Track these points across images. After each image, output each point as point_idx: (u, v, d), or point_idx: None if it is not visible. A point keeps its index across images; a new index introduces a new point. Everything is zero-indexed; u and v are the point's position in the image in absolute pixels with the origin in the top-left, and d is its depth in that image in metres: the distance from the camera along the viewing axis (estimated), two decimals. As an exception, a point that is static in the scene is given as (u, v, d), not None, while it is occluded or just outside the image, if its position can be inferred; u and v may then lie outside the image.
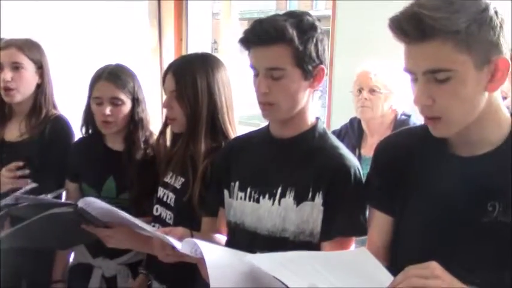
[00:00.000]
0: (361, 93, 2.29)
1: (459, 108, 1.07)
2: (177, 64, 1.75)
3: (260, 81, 1.35)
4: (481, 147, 1.12)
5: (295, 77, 1.35)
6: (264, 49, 1.33)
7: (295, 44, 1.31)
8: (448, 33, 1.01)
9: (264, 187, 1.40)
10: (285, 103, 1.36)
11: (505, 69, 1.06)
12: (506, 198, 1.08)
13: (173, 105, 1.69)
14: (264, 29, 1.33)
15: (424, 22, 1.02)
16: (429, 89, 1.06)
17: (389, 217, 1.24)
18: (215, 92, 1.69)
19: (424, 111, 1.10)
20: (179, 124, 1.71)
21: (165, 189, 1.75)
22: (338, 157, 1.37)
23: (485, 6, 1.04)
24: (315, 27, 1.36)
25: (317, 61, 1.36)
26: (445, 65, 1.04)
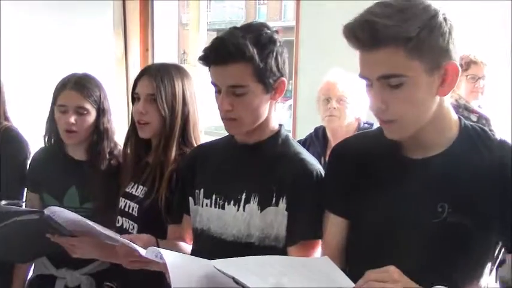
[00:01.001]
0: (329, 102, 2.33)
1: (412, 111, 1.11)
2: (155, 68, 1.74)
3: (223, 99, 1.36)
4: (431, 149, 1.16)
5: (257, 92, 1.36)
6: (225, 67, 1.34)
7: (256, 61, 1.33)
8: (400, 40, 1.05)
9: (229, 193, 1.42)
10: (248, 118, 1.38)
11: (455, 74, 1.10)
12: (455, 199, 1.12)
13: (148, 109, 1.68)
14: (225, 48, 1.33)
15: (376, 29, 1.05)
16: (383, 94, 1.09)
17: (344, 220, 1.27)
18: (188, 99, 1.71)
19: (379, 115, 1.14)
20: (152, 129, 1.70)
21: (127, 200, 1.74)
22: (300, 162, 1.39)
23: (434, 13, 1.08)
24: (274, 41, 1.37)
25: (278, 74, 1.38)
26: (398, 70, 1.07)
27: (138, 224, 1.69)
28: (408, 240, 1.15)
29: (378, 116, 1.15)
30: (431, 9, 1.08)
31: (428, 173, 1.15)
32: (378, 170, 1.21)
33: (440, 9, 1.10)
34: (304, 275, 1.08)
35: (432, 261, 1.13)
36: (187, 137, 1.71)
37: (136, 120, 1.72)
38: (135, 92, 1.73)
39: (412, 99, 1.09)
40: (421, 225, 1.14)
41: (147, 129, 1.71)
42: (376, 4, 1.10)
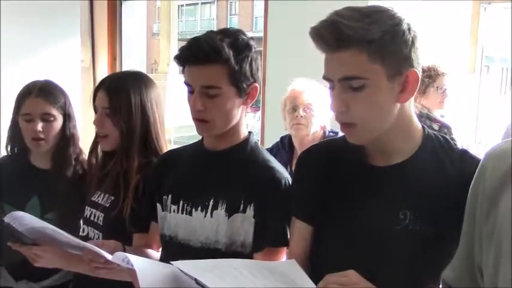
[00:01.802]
0: (295, 111, 2.35)
1: (372, 115, 1.12)
2: (110, 81, 1.73)
3: (195, 99, 1.36)
4: (395, 157, 1.18)
5: (230, 95, 1.37)
6: (201, 68, 1.34)
7: (232, 64, 1.34)
8: (363, 42, 1.07)
9: (197, 199, 1.42)
10: (220, 120, 1.39)
11: (415, 82, 1.13)
12: (416, 207, 1.14)
13: (105, 123, 1.67)
14: (201, 48, 1.34)
15: (341, 31, 1.07)
16: (344, 96, 1.11)
17: (309, 226, 1.28)
18: (148, 108, 1.69)
19: (340, 118, 1.15)
20: (111, 141, 1.69)
21: (93, 209, 1.72)
22: (269, 170, 1.40)
23: (398, 21, 1.11)
24: (249, 47, 1.39)
25: (251, 79, 1.39)
26: (359, 73, 1.09)
27: (103, 233, 1.67)
28: (371, 247, 1.16)
29: (339, 119, 1.16)
30: (396, 17, 1.11)
31: (392, 181, 1.17)
32: (343, 177, 1.23)
33: (406, 18, 1.13)
34: (265, 275, 1.09)
35: (394, 267, 1.14)
36: (150, 145, 1.69)
37: (96, 132, 1.72)
38: (94, 105, 1.72)
39: (372, 103, 1.11)
40: (383, 232, 1.16)
41: (107, 142, 1.70)
42: (343, 8, 1.12)
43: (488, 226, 0.88)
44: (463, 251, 0.97)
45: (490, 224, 0.87)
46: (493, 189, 0.88)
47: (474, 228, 0.92)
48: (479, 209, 0.91)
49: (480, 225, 0.90)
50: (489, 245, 0.87)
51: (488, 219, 0.88)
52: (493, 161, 0.91)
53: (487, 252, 0.88)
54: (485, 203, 0.89)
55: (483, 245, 0.89)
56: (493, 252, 0.86)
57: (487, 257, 0.88)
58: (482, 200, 0.90)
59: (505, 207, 0.84)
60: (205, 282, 1.03)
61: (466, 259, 0.96)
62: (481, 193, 0.91)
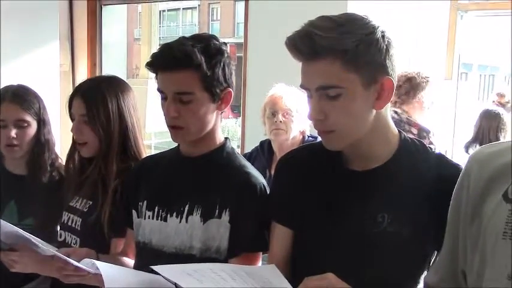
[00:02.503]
0: (274, 116, 2.37)
1: (349, 123, 1.14)
2: (86, 87, 1.71)
3: (169, 106, 1.36)
4: (372, 161, 1.20)
5: (204, 101, 1.37)
6: (173, 74, 1.35)
7: (204, 69, 1.34)
8: (338, 52, 1.09)
9: (172, 205, 1.42)
10: (194, 126, 1.39)
11: (390, 89, 1.15)
12: (394, 209, 1.16)
13: (83, 129, 1.67)
14: (173, 54, 1.34)
15: (315, 42, 1.09)
16: (322, 105, 1.13)
17: (289, 230, 1.29)
18: (125, 113, 1.69)
19: (318, 126, 1.17)
20: (90, 148, 1.68)
21: (71, 214, 1.71)
22: (244, 175, 1.41)
23: (372, 29, 1.13)
24: (221, 52, 1.39)
25: (224, 84, 1.39)
26: (335, 82, 1.11)
27: (81, 238, 1.67)
28: (350, 250, 1.18)
29: (317, 127, 1.18)
30: (370, 25, 1.13)
31: (369, 185, 1.19)
32: (321, 182, 1.24)
33: (380, 26, 1.15)
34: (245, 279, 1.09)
35: (373, 269, 1.16)
36: (129, 150, 1.69)
37: (75, 139, 1.71)
38: (71, 112, 1.71)
39: (349, 111, 1.13)
40: (362, 235, 1.17)
41: (86, 149, 1.69)
42: (318, 18, 1.13)
43: (473, 231, 0.89)
44: (447, 255, 0.98)
45: (475, 228, 0.88)
46: (477, 193, 0.89)
47: (458, 232, 0.93)
48: (463, 213, 0.92)
49: (464, 230, 0.91)
50: (474, 250, 0.88)
51: (472, 224, 0.89)
52: (477, 165, 0.92)
53: (472, 258, 0.89)
54: (470, 207, 0.90)
55: (467, 249, 0.90)
56: (478, 257, 0.86)
57: (471, 262, 0.89)
58: (467, 204, 0.91)
59: (489, 212, 0.85)
60: (185, 286, 1.03)
61: (450, 263, 0.97)
62: (465, 197, 0.92)
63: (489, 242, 0.84)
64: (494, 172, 0.88)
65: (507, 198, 0.83)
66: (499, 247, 0.82)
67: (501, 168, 0.87)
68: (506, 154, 0.88)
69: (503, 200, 0.84)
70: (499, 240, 0.82)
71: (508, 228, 0.81)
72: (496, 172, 0.87)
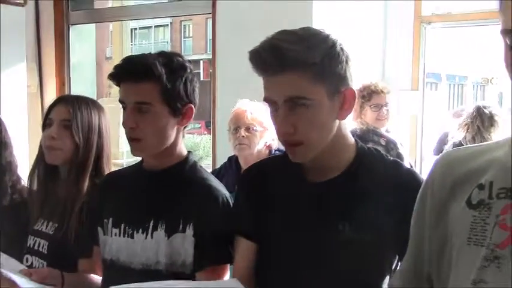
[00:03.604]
0: (238, 131, 2.39)
1: (316, 134, 1.17)
2: (72, 97, 1.74)
3: (128, 115, 1.38)
4: (331, 172, 1.23)
5: (163, 114, 1.39)
6: (133, 85, 1.37)
7: (164, 82, 1.36)
8: (306, 65, 1.12)
9: (137, 221, 1.42)
10: (152, 138, 1.40)
11: (352, 99, 1.19)
12: (353, 218, 1.19)
13: (61, 135, 1.66)
14: (134, 65, 1.38)
15: (283, 54, 1.11)
16: (289, 116, 1.15)
17: (253, 244, 1.30)
18: (103, 131, 1.71)
19: (286, 138, 1.19)
20: (62, 155, 1.67)
21: (36, 237, 1.69)
22: (206, 187, 1.42)
23: (332, 43, 1.17)
24: (184, 67, 1.41)
25: (186, 99, 1.41)
26: (303, 93, 1.13)
27: (48, 262, 1.64)
28: (313, 259, 1.20)
29: (286, 139, 1.19)
30: (330, 39, 1.17)
31: (329, 194, 1.21)
32: (283, 194, 1.26)
33: (338, 39, 1.19)
34: None
35: (337, 277, 1.18)
36: (100, 169, 1.70)
37: (46, 145, 1.68)
38: (49, 118, 1.69)
39: (316, 122, 1.16)
40: (324, 244, 1.20)
41: (57, 155, 1.67)
42: (280, 32, 1.16)
43: (438, 235, 0.90)
44: (411, 259, 0.99)
45: (440, 233, 0.89)
46: (442, 198, 0.90)
47: (423, 236, 0.94)
48: (428, 217, 0.93)
49: (430, 234, 0.92)
50: (440, 254, 0.89)
51: (437, 228, 0.90)
52: (441, 170, 0.93)
53: (437, 262, 0.90)
54: (434, 211, 0.91)
55: (433, 254, 0.91)
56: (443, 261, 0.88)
57: (437, 266, 0.90)
58: (431, 209, 0.92)
59: (454, 218, 0.87)
60: None
61: (414, 267, 0.98)
62: (430, 201, 0.93)
63: (454, 248, 0.85)
64: (458, 177, 0.89)
65: (470, 204, 0.85)
66: (464, 253, 0.83)
67: (464, 174, 0.88)
68: (471, 160, 0.90)
69: (466, 206, 0.85)
70: (463, 246, 0.83)
71: (472, 234, 0.83)
72: (460, 177, 0.89)
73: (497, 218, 0.81)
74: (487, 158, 0.88)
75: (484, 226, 0.82)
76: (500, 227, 0.80)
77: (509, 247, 0.78)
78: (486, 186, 0.84)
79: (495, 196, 0.83)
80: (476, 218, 0.83)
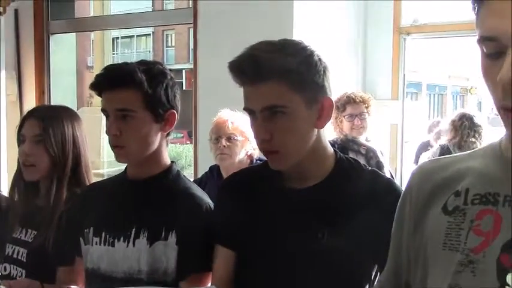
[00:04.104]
0: (219, 141, 2.39)
1: (294, 142, 1.19)
2: (42, 110, 1.73)
3: (110, 123, 1.38)
4: (310, 180, 1.24)
5: (146, 120, 1.39)
6: (115, 92, 1.38)
7: (145, 88, 1.37)
8: (283, 74, 1.14)
9: (119, 230, 1.42)
10: (136, 145, 1.40)
11: (330, 108, 1.21)
12: (333, 225, 1.20)
13: (34, 150, 1.65)
14: (115, 73, 1.39)
15: (261, 64, 1.13)
16: (267, 125, 1.17)
17: (232, 252, 1.30)
18: (78, 140, 1.70)
19: (264, 146, 1.20)
20: (39, 171, 1.66)
21: (15, 246, 1.67)
22: (189, 196, 1.43)
23: (310, 52, 1.19)
24: (164, 74, 1.42)
25: (168, 105, 1.42)
26: (281, 102, 1.15)
27: (27, 270, 1.63)
28: (293, 267, 1.21)
29: (263, 147, 1.21)
30: (308, 49, 1.19)
31: (308, 202, 1.23)
32: (262, 202, 1.27)
33: (315, 50, 1.21)
34: None
35: (315, 286, 1.19)
36: (78, 177, 1.69)
37: (22, 162, 1.68)
38: (21, 134, 1.69)
39: (294, 130, 1.18)
40: (303, 252, 1.20)
41: (33, 171, 1.67)
42: (258, 43, 1.19)
43: (415, 243, 0.91)
44: (390, 268, 1.00)
45: (417, 240, 0.90)
46: (419, 206, 0.92)
47: (401, 245, 0.95)
48: (406, 227, 0.94)
49: (407, 242, 0.93)
50: (416, 261, 0.90)
51: (415, 236, 0.91)
52: (419, 180, 0.94)
53: (415, 268, 0.91)
54: (412, 220, 0.92)
55: (411, 261, 0.92)
56: (420, 267, 0.88)
57: (414, 273, 0.91)
58: (410, 218, 0.93)
59: (431, 224, 0.88)
60: None
61: (394, 277, 0.99)
62: (408, 211, 0.94)
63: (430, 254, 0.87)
64: (435, 185, 0.90)
65: (446, 210, 0.86)
66: (439, 258, 0.84)
67: (442, 182, 0.90)
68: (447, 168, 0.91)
69: (442, 212, 0.87)
70: (439, 251, 0.84)
71: (447, 240, 0.84)
72: (437, 185, 0.90)
73: (471, 223, 0.82)
74: (464, 167, 0.90)
75: (458, 231, 0.83)
76: (474, 232, 0.82)
77: (484, 252, 0.79)
78: (462, 192, 0.86)
79: (470, 202, 0.84)
80: (451, 224, 0.85)
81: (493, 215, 0.80)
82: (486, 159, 0.87)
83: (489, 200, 0.82)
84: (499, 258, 0.77)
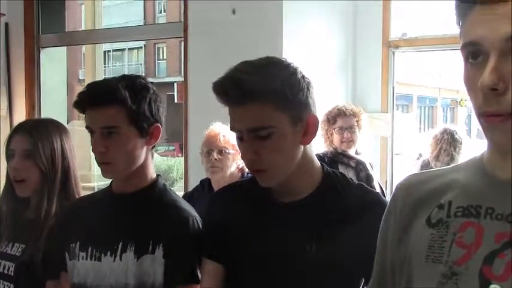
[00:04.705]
0: (210, 154, 2.40)
1: (281, 160, 1.20)
2: (30, 125, 1.74)
3: (96, 141, 1.39)
4: (298, 194, 1.26)
5: (131, 135, 1.40)
6: (99, 110, 1.38)
7: (128, 104, 1.38)
8: (267, 95, 1.15)
9: (105, 244, 1.42)
10: (122, 160, 1.41)
11: (315, 125, 1.22)
12: (321, 238, 1.21)
13: (24, 165, 1.65)
14: (98, 91, 1.40)
15: (244, 86, 1.14)
16: (254, 145, 1.18)
17: (220, 266, 1.31)
18: (67, 154, 1.71)
19: (251, 165, 1.22)
20: (30, 186, 1.67)
21: (2, 260, 1.67)
22: (176, 209, 1.43)
23: (293, 70, 1.20)
24: (147, 88, 1.43)
25: (152, 119, 1.43)
26: (266, 123, 1.17)
27: (15, 284, 1.63)
28: (282, 279, 1.21)
29: (250, 166, 1.23)
30: (290, 67, 1.21)
31: (297, 215, 1.24)
32: (251, 215, 1.28)
33: (298, 67, 1.22)
34: None
35: None
36: (69, 190, 1.70)
37: (13, 177, 1.68)
38: (10, 149, 1.69)
39: (280, 149, 1.19)
40: (292, 264, 1.21)
41: (25, 186, 1.67)
42: (241, 63, 1.20)
43: (400, 254, 0.92)
44: (375, 280, 1.01)
45: (401, 252, 0.91)
46: (403, 219, 0.93)
47: (386, 258, 0.96)
48: (390, 239, 0.95)
49: (392, 255, 0.94)
50: (401, 273, 0.91)
51: (399, 249, 0.92)
52: (403, 192, 0.96)
53: (399, 280, 0.92)
54: (396, 232, 0.94)
55: (395, 273, 0.93)
56: (405, 279, 0.89)
57: (399, 284, 0.92)
58: (394, 230, 0.94)
59: (415, 236, 0.89)
60: None
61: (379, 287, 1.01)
62: (392, 223, 0.95)
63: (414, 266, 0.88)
64: (419, 198, 0.92)
65: (430, 222, 0.88)
66: (423, 270, 0.85)
67: (426, 195, 0.91)
68: (431, 181, 0.93)
69: (426, 224, 0.88)
70: (422, 263, 0.86)
71: (430, 252, 0.85)
72: (421, 198, 0.91)
73: (454, 235, 0.84)
74: (447, 180, 0.91)
75: (441, 244, 0.84)
76: (457, 245, 0.83)
77: (466, 264, 0.80)
78: (445, 205, 0.87)
79: (453, 215, 0.85)
80: (435, 236, 0.86)
81: (475, 227, 0.82)
82: (468, 172, 0.89)
83: (471, 212, 0.83)
84: (482, 270, 0.79)
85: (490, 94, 0.75)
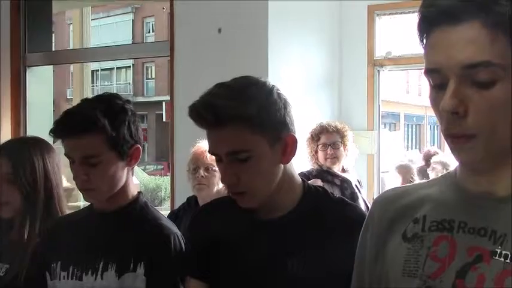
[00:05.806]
0: (197, 171, 2.40)
1: (261, 182, 1.20)
2: (10, 147, 1.72)
3: (77, 170, 1.38)
4: (279, 210, 1.26)
5: (112, 160, 1.40)
6: (78, 140, 1.37)
7: (108, 131, 1.37)
8: (243, 119, 1.15)
9: (87, 263, 1.41)
10: (105, 186, 1.41)
11: (294, 144, 1.22)
12: (303, 254, 1.21)
13: (5, 189, 1.64)
14: (74, 120, 1.37)
15: (219, 111, 1.13)
16: (233, 168, 1.18)
17: (203, 283, 1.30)
18: (50, 173, 1.69)
19: (231, 189, 1.22)
20: (12, 209, 1.66)
21: None
22: (157, 227, 1.43)
23: (269, 90, 1.20)
24: (125, 110, 1.42)
25: (131, 141, 1.42)
26: (244, 146, 1.16)
27: None
28: None
29: (230, 189, 1.23)
30: (266, 87, 1.20)
31: (277, 232, 1.23)
32: (233, 232, 1.28)
33: (275, 85, 1.22)
34: None
35: None
36: (52, 210, 1.68)
37: None
38: None
39: (259, 171, 1.19)
40: (274, 282, 1.21)
41: (7, 209, 1.67)
42: (216, 86, 1.19)
43: (377, 270, 0.92)
44: None
45: (378, 267, 0.92)
46: (380, 234, 0.93)
47: (364, 272, 0.97)
48: (368, 254, 0.96)
49: (369, 270, 0.95)
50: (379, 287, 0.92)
51: (376, 264, 0.93)
52: (380, 207, 0.97)
53: None
54: (373, 248, 0.94)
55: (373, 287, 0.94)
56: None
57: None
58: (371, 246, 0.95)
59: (391, 251, 0.90)
60: None
61: None
62: (369, 239, 0.96)
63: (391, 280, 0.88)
64: (395, 213, 0.93)
65: (406, 237, 0.89)
66: (399, 284, 0.86)
67: (402, 209, 0.92)
68: (407, 196, 0.94)
69: (402, 239, 0.89)
70: (399, 278, 0.87)
71: (406, 266, 0.86)
72: (397, 213, 0.92)
73: (429, 249, 0.85)
74: (422, 194, 0.92)
75: (417, 258, 0.85)
76: (431, 259, 0.84)
77: (440, 278, 0.82)
78: (420, 220, 0.88)
79: (427, 229, 0.87)
80: (410, 250, 0.87)
81: (448, 241, 0.83)
82: (442, 187, 0.90)
83: (445, 226, 0.85)
84: (455, 283, 0.80)
85: (451, 117, 0.77)
